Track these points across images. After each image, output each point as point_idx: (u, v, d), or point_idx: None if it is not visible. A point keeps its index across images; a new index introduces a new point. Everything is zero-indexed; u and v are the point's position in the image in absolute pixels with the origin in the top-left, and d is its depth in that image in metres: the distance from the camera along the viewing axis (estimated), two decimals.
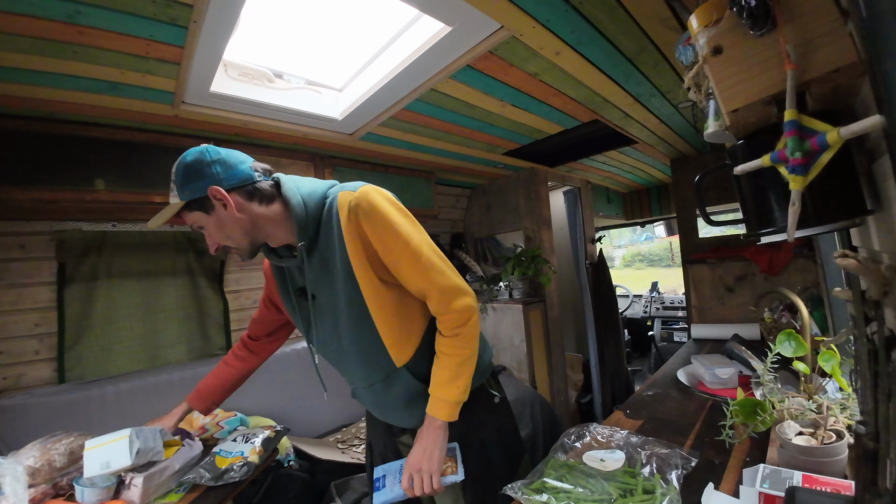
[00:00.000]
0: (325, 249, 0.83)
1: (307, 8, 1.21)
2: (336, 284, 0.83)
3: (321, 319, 0.89)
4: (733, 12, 0.53)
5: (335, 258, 0.82)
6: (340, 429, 2.19)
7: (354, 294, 0.82)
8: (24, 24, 0.91)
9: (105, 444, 1.06)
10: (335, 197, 0.82)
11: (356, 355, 0.88)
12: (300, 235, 0.82)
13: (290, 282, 0.92)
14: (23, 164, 1.30)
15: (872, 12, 0.31)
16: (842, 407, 0.87)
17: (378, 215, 0.79)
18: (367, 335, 0.84)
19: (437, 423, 0.84)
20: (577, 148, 2.37)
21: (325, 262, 0.84)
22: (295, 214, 0.81)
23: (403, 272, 0.81)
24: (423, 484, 0.82)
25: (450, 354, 0.84)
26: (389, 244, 0.79)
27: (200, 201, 0.80)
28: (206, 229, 0.83)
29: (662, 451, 0.87)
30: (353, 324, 0.84)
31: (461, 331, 0.83)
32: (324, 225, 0.82)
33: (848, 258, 0.53)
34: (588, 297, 2.98)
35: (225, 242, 0.83)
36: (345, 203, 0.79)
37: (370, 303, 0.82)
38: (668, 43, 1.25)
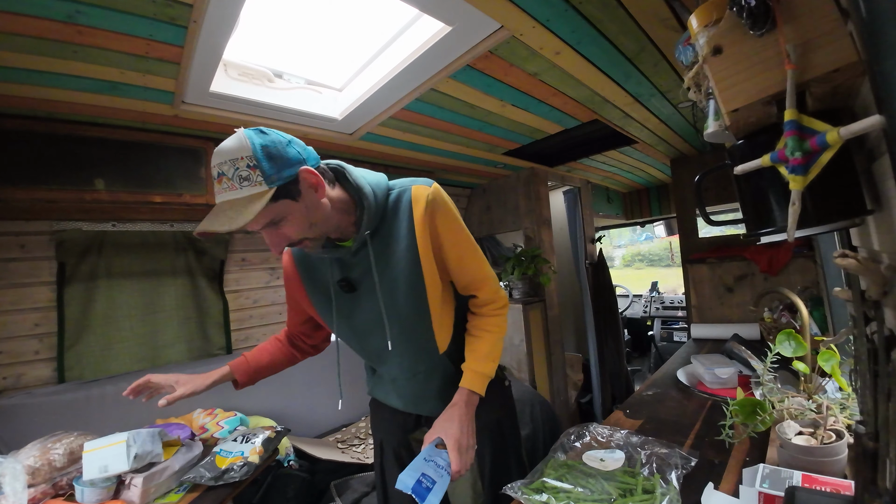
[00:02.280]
0: (387, 238, 0.84)
1: (307, 8, 1.20)
2: (396, 273, 0.84)
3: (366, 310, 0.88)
4: (733, 12, 0.53)
5: (399, 247, 0.83)
6: (340, 429, 2.19)
7: (418, 282, 0.84)
8: (24, 23, 0.91)
9: (103, 447, 1.06)
10: (406, 189, 0.84)
11: (409, 343, 0.90)
12: (369, 223, 0.81)
13: (329, 274, 0.88)
14: (23, 164, 1.30)
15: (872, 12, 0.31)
16: (841, 407, 0.87)
17: (451, 212, 0.85)
18: (422, 323, 0.88)
19: (474, 398, 0.88)
20: (577, 148, 2.37)
21: (386, 249, 0.84)
22: (368, 203, 0.80)
23: (466, 263, 0.88)
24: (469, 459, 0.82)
25: (490, 331, 0.91)
26: (458, 238, 0.86)
27: (289, 187, 0.70)
28: (286, 221, 0.72)
29: (662, 450, 0.87)
30: (412, 312, 0.86)
31: (502, 311, 0.94)
32: (389, 215, 0.84)
33: (848, 258, 0.53)
34: (588, 297, 2.98)
35: (307, 233, 0.75)
36: (421, 196, 0.82)
37: (430, 292, 0.85)
38: (668, 43, 1.25)
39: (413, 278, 0.84)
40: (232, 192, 0.67)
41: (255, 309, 2.20)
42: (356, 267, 0.86)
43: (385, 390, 1.02)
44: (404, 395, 0.98)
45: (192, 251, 1.96)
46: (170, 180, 1.56)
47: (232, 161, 0.66)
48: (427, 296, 0.85)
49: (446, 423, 0.83)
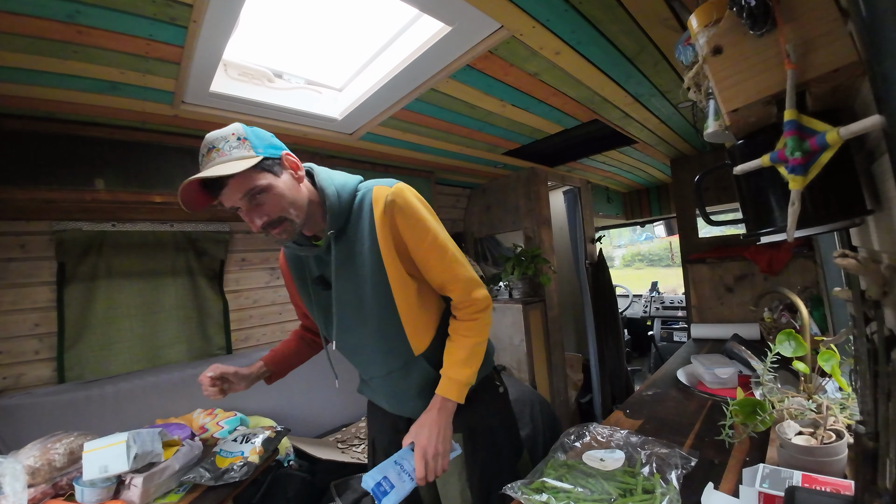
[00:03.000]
0: (353, 239, 0.85)
1: (307, 8, 1.20)
2: (362, 274, 0.85)
3: (341, 308, 0.89)
4: (733, 12, 0.53)
5: (363, 248, 0.84)
6: (340, 429, 2.19)
7: (382, 283, 0.84)
8: (24, 23, 0.91)
9: (103, 447, 1.06)
10: (369, 190, 0.85)
11: (378, 343, 0.90)
12: (332, 224, 0.83)
13: (308, 271, 0.92)
14: (23, 164, 1.30)
15: (872, 12, 0.31)
16: (841, 407, 0.87)
17: (411, 211, 0.84)
18: (390, 323, 0.87)
19: (449, 405, 0.86)
20: (577, 148, 2.37)
21: (351, 251, 0.86)
22: (329, 203, 0.83)
23: (431, 265, 0.87)
24: (437, 467, 0.81)
25: (466, 336, 0.89)
26: (421, 239, 0.85)
27: (272, 163, 0.78)
28: (267, 194, 0.76)
29: (662, 450, 0.87)
30: (378, 312, 0.86)
31: (479, 316, 0.90)
32: (354, 216, 0.85)
33: (848, 258, 0.53)
34: (588, 297, 2.98)
35: (284, 212, 0.78)
36: (381, 197, 0.83)
37: (396, 292, 0.85)
38: (668, 43, 1.25)
39: (377, 279, 0.84)
40: (221, 159, 0.74)
41: (255, 309, 2.20)
42: (327, 266, 0.88)
43: (370, 390, 1.04)
44: (384, 395, 0.98)
45: (192, 251, 1.96)
46: (170, 180, 1.56)
47: (223, 138, 0.75)
48: (393, 296, 0.85)
49: (419, 429, 0.84)
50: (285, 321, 2.32)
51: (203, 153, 0.76)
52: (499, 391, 1.03)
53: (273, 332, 2.27)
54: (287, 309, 2.34)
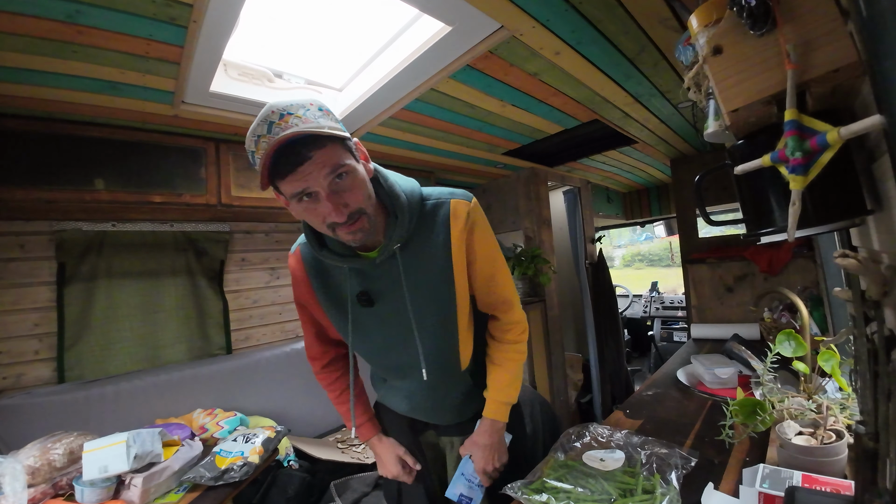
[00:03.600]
0: (419, 252, 0.77)
1: (307, 8, 1.20)
2: (428, 288, 0.79)
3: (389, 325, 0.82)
4: (733, 12, 0.53)
5: (431, 263, 0.78)
6: (340, 429, 2.19)
7: (448, 300, 0.80)
8: (24, 23, 0.91)
9: (103, 447, 1.06)
10: (445, 202, 0.78)
11: (433, 361, 0.84)
12: (400, 234, 0.74)
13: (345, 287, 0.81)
14: (23, 164, 1.30)
15: (872, 12, 0.31)
16: (841, 407, 0.87)
17: (488, 228, 0.83)
18: (449, 341, 0.85)
19: (499, 426, 0.91)
20: (577, 148, 2.37)
21: (417, 263, 0.78)
22: (401, 213, 0.74)
23: (495, 284, 0.86)
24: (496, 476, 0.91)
25: (514, 360, 0.90)
26: (491, 258, 0.83)
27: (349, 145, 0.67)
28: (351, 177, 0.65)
29: (662, 450, 0.87)
30: (439, 329, 0.83)
31: (523, 337, 0.91)
32: (422, 227, 0.77)
33: (848, 258, 0.53)
34: (588, 297, 2.98)
35: (365, 205, 0.68)
36: (461, 211, 0.78)
37: (459, 310, 0.82)
38: (668, 43, 1.25)
39: (444, 296, 0.80)
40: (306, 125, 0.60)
41: (255, 309, 2.20)
42: (379, 280, 0.79)
43: (397, 400, 0.98)
44: (419, 407, 0.95)
45: (192, 251, 1.96)
46: (169, 180, 1.56)
47: (301, 105, 0.62)
48: (457, 314, 0.82)
49: (473, 448, 0.91)
50: (285, 321, 2.33)
51: (272, 119, 0.60)
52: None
53: (273, 332, 2.27)
54: (287, 309, 2.33)
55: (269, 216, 2.07)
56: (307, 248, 0.83)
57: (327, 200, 0.63)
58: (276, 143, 0.58)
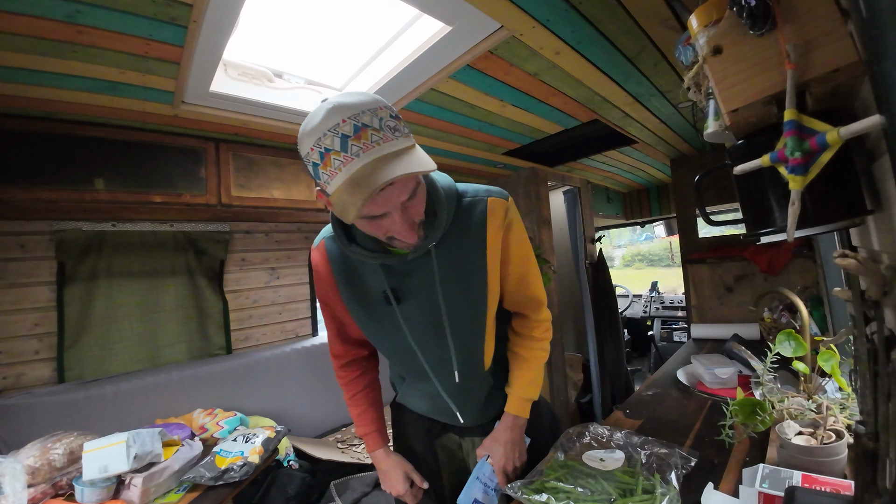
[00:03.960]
0: (453, 249, 0.75)
1: (307, 8, 1.20)
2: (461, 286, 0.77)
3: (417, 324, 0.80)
4: (733, 12, 0.53)
5: (466, 261, 0.76)
6: (340, 429, 2.19)
7: (480, 299, 0.79)
8: (24, 23, 0.91)
9: (103, 447, 1.06)
10: (482, 200, 0.76)
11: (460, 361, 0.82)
12: (437, 232, 0.71)
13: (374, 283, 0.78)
14: (23, 163, 1.30)
15: (872, 12, 0.31)
16: (841, 407, 0.87)
17: (522, 228, 0.81)
18: (477, 340, 0.84)
19: (521, 422, 0.89)
20: (576, 148, 2.37)
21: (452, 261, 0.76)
22: (441, 212, 0.71)
23: (527, 283, 0.85)
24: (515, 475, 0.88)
25: (538, 357, 0.90)
26: (526, 256, 0.82)
27: None
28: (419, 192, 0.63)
29: (662, 450, 0.87)
30: (468, 328, 0.81)
31: (548, 336, 0.91)
32: (456, 224, 0.75)
33: (847, 258, 0.53)
34: (588, 297, 2.97)
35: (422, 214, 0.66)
36: (499, 210, 0.76)
37: (490, 309, 0.81)
38: (668, 43, 1.25)
39: (476, 294, 0.79)
40: (388, 144, 0.55)
41: (255, 309, 2.20)
42: (409, 277, 0.76)
43: (417, 400, 0.96)
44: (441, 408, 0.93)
45: (192, 251, 1.96)
46: (169, 180, 1.56)
47: (372, 111, 0.56)
48: (486, 313, 0.81)
49: (493, 446, 0.88)
50: (285, 321, 2.33)
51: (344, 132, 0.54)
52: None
53: (273, 332, 2.27)
54: (287, 309, 2.33)
55: (268, 216, 2.07)
56: (332, 242, 0.80)
57: (400, 221, 0.61)
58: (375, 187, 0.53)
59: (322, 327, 2.53)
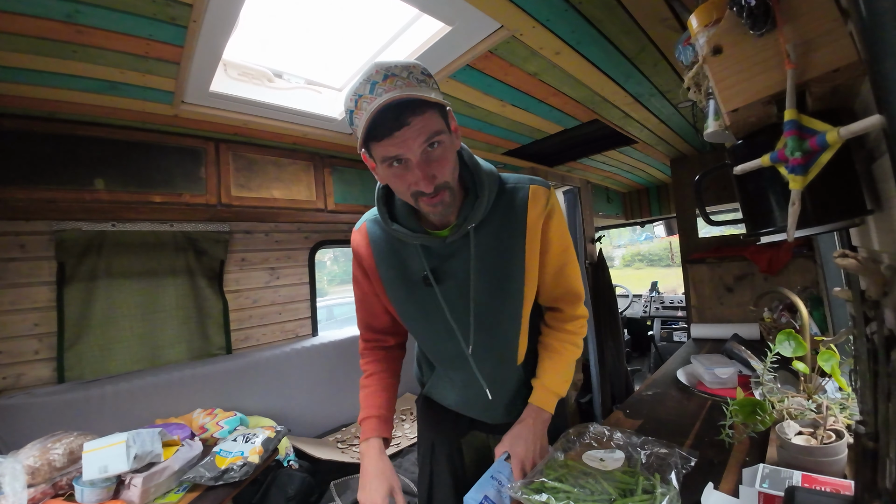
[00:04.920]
0: (493, 235, 0.75)
1: (307, 8, 1.20)
2: (492, 274, 0.76)
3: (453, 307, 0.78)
4: (733, 12, 0.53)
5: (504, 247, 0.75)
6: (340, 429, 2.19)
7: (517, 288, 0.78)
8: (24, 23, 0.91)
9: (103, 447, 1.06)
10: (525, 186, 0.77)
11: (492, 351, 0.82)
12: (477, 213, 0.71)
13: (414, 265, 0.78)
14: (23, 163, 1.30)
15: (872, 12, 0.31)
16: (841, 407, 0.87)
17: (563, 218, 0.80)
18: (511, 330, 0.83)
19: (545, 416, 0.85)
20: (576, 148, 2.37)
21: (491, 245, 0.75)
22: (482, 193, 0.72)
23: (565, 276, 0.83)
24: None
25: (571, 351, 0.87)
26: (566, 247, 0.81)
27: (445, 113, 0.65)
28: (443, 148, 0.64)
29: (662, 450, 0.87)
30: (503, 317, 0.80)
31: (583, 332, 0.89)
32: (497, 209, 0.75)
33: (847, 258, 0.53)
34: (588, 297, 2.98)
35: (451, 178, 0.67)
36: (541, 197, 0.76)
37: (526, 299, 0.80)
38: (668, 43, 1.25)
39: (513, 283, 0.77)
40: (409, 88, 0.60)
41: (255, 309, 2.20)
42: (448, 260, 0.76)
43: (446, 392, 0.95)
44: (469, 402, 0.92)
45: (192, 251, 1.96)
46: (169, 180, 1.56)
47: (405, 67, 0.61)
48: (523, 303, 0.79)
49: (515, 440, 0.82)
50: (285, 321, 2.33)
51: (375, 79, 0.60)
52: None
53: (273, 332, 2.27)
54: (287, 309, 2.33)
55: (268, 216, 2.07)
56: (374, 225, 0.82)
57: (417, 169, 0.63)
58: (378, 106, 0.57)
59: (322, 327, 2.54)
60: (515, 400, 0.91)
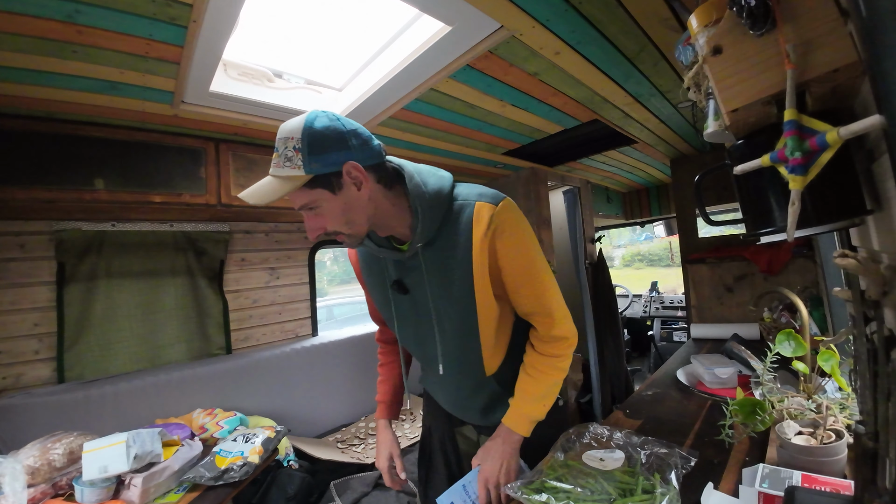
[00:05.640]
0: (442, 251, 0.78)
1: (307, 8, 1.20)
2: (447, 290, 0.80)
3: (420, 317, 0.85)
4: (733, 12, 0.53)
5: (453, 264, 0.78)
6: (340, 429, 2.19)
7: (468, 304, 0.80)
8: (24, 23, 0.91)
9: (103, 447, 1.06)
10: (471, 204, 0.78)
11: (454, 361, 0.87)
12: (422, 236, 0.76)
13: (386, 273, 0.87)
14: (23, 163, 1.30)
15: (872, 12, 0.31)
16: (841, 407, 0.87)
17: (515, 237, 0.78)
18: (470, 343, 0.84)
19: (515, 437, 0.86)
20: (576, 148, 2.37)
21: (440, 263, 0.79)
22: (423, 214, 0.75)
23: (523, 293, 0.82)
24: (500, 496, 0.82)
25: (547, 374, 0.86)
26: (518, 266, 0.79)
27: (329, 178, 0.68)
28: (319, 210, 0.71)
29: (662, 450, 0.87)
30: (459, 332, 0.83)
31: (565, 353, 0.87)
32: (448, 226, 0.78)
33: (847, 258, 0.53)
34: (588, 297, 2.98)
35: (341, 227, 0.73)
36: (484, 216, 0.76)
37: (480, 314, 0.81)
38: (668, 43, 1.25)
39: (464, 299, 0.79)
40: (276, 170, 0.68)
41: (255, 309, 2.20)
42: (411, 272, 0.83)
43: (434, 389, 1.03)
44: (449, 402, 0.99)
45: (192, 251, 1.96)
46: (169, 180, 1.56)
47: (285, 139, 0.68)
48: (477, 318, 0.81)
49: (484, 455, 0.85)
50: (285, 321, 2.33)
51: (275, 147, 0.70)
52: (558, 404, 1.00)
53: (273, 332, 2.27)
54: (287, 309, 2.34)
55: (268, 216, 2.07)
56: None
57: (305, 223, 0.74)
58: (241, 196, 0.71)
59: (322, 328, 2.54)
60: (493, 406, 0.93)
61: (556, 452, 0.93)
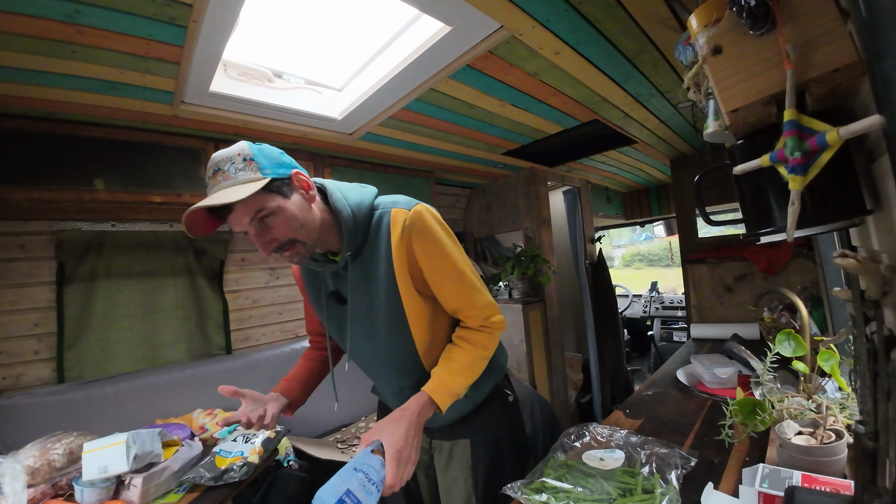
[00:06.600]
0: (368, 259, 0.84)
1: (307, 8, 1.20)
2: (376, 294, 0.84)
3: (355, 324, 0.89)
4: (733, 12, 0.53)
5: (379, 269, 0.83)
6: (340, 429, 2.18)
7: (395, 306, 0.83)
8: (24, 23, 0.91)
9: (103, 447, 1.06)
10: (387, 212, 0.83)
11: (390, 362, 0.90)
12: (349, 245, 0.82)
13: (324, 285, 0.91)
14: (22, 164, 1.30)
15: (872, 12, 0.31)
16: (841, 406, 0.87)
17: (430, 237, 0.82)
18: (403, 345, 0.87)
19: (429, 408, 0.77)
20: (576, 148, 2.38)
21: (366, 271, 0.84)
22: (346, 226, 0.81)
23: (446, 290, 0.85)
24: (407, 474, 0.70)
25: (473, 344, 0.84)
26: (437, 265, 0.83)
27: (282, 183, 0.74)
28: (276, 217, 0.74)
29: (662, 450, 0.87)
30: (391, 334, 0.86)
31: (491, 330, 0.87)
32: (371, 236, 0.84)
33: (847, 258, 0.53)
34: (588, 297, 2.98)
35: (295, 234, 0.76)
36: (399, 221, 0.81)
37: (409, 315, 0.84)
38: (668, 43, 1.25)
39: (391, 301, 0.83)
40: (226, 182, 0.70)
41: (255, 309, 2.20)
42: (344, 283, 0.87)
43: (382, 395, 1.05)
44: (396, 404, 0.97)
45: (192, 251, 1.96)
46: (169, 180, 1.56)
47: (229, 159, 0.71)
48: (407, 319, 0.84)
49: (390, 427, 0.71)
50: (285, 321, 2.32)
51: (209, 175, 0.72)
52: (507, 400, 1.00)
53: (273, 332, 2.27)
54: (287, 309, 2.33)
55: None
56: None
57: (255, 238, 0.75)
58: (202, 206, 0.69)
59: None
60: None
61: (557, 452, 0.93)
